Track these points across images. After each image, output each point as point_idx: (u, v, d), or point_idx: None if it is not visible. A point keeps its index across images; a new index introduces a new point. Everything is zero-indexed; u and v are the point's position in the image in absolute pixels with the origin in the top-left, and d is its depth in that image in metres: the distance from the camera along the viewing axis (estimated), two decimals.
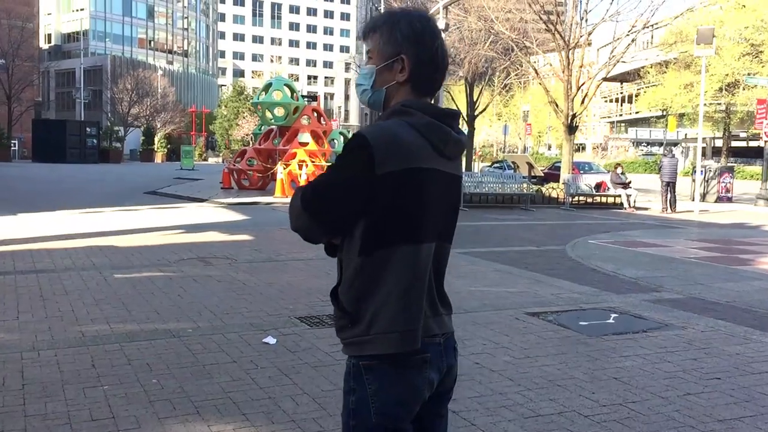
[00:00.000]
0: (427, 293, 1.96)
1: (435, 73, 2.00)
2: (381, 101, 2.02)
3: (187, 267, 9.03)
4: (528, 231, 15.01)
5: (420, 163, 1.86)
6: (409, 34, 1.95)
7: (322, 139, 23.13)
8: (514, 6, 23.51)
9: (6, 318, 6.20)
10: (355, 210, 1.88)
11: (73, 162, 46.89)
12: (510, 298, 7.75)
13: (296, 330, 6.08)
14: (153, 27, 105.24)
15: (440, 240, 2.00)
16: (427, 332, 1.95)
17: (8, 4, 58.91)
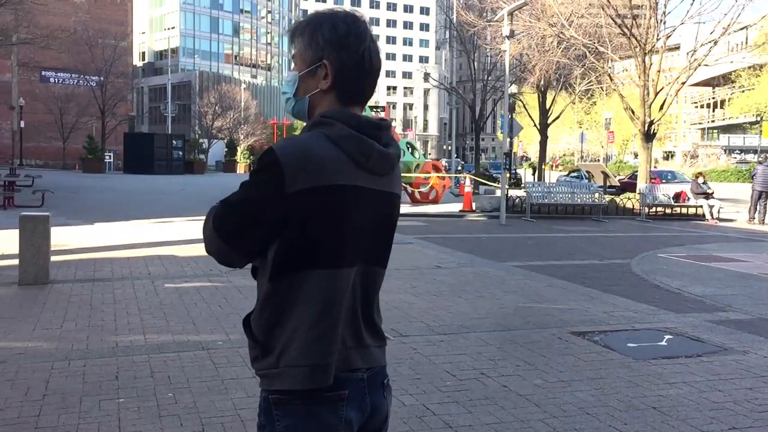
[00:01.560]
0: (349, 323, 1.78)
1: (362, 79, 1.82)
2: (305, 111, 1.86)
3: (236, 277, 9.06)
4: (594, 244, 14.48)
5: (337, 179, 1.69)
6: (332, 38, 1.79)
7: None
8: (587, 11, 22.84)
9: (50, 327, 6.33)
10: (266, 232, 1.72)
11: (160, 173, 48.45)
12: (557, 315, 7.42)
13: None
14: (238, 43, 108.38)
15: (368, 264, 1.82)
16: (347, 366, 1.77)
17: (104, 25, 61.66)
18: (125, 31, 67.09)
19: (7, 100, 57.26)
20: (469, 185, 21.93)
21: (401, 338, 6.29)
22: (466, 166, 53.40)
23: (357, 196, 1.74)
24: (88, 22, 60.48)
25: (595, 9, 22.61)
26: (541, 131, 30.35)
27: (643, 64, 21.49)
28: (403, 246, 12.93)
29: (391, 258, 7.83)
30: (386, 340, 1.94)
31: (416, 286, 8.89)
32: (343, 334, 1.77)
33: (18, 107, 53.73)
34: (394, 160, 1.86)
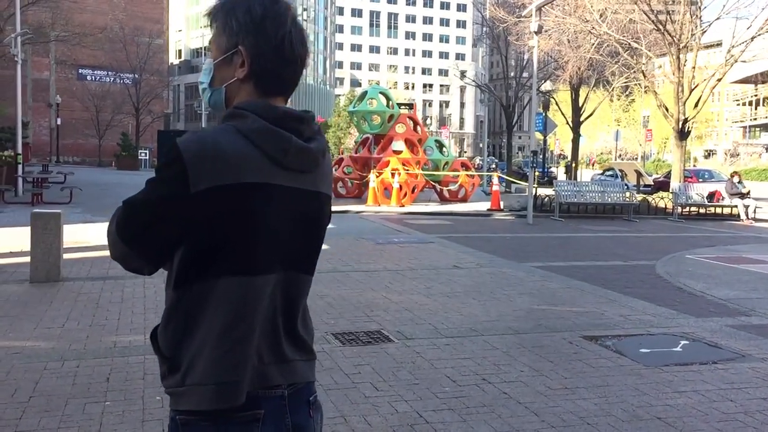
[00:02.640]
0: (267, 336, 1.62)
1: (283, 67, 1.65)
2: (222, 102, 1.69)
3: None
4: (621, 244, 14.13)
5: (246, 177, 1.53)
6: (247, 21, 1.62)
7: (417, 147, 22.87)
8: (620, 6, 22.34)
9: (52, 325, 6.31)
10: (170, 235, 1.57)
11: None
12: (571, 318, 7.19)
13: (326, 347, 5.83)
14: None
15: (289, 270, 1.65)
16: (264, 383, 1.61)
17: (140, 23, 62.47)
18: (161, 28, 67.91)
19: (45, 97, 58.34)
20: (497, 184, 21.65)
21: (405, 341, 6.14)
22: (500, 164, 52.96)
23: (271, 195, 1.57)
24: (124, 20, 61.25)
25: (629, 5, 22.11)
26: (573, 129, 29.84)
27: (678, 61, 20.96)
28: (423, 245, 12.78)
29: (406, 258, 7.69)
30: (314, 352, 1.77)
31: (430, 286, 8.72)
32: (260, 347, 1.61)
33: (55, 105, 54.72)
34: (317, 155, 1.68)
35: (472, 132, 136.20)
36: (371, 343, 6.05)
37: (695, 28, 21.44)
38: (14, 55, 20.51)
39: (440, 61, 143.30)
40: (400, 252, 11.81)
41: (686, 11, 21.26)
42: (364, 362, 5.48)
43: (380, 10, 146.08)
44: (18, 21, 21.21)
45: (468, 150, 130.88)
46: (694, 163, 69.13)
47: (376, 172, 21.14)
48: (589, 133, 74.61)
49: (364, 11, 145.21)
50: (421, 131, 24.38)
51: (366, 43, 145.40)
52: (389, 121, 22.84)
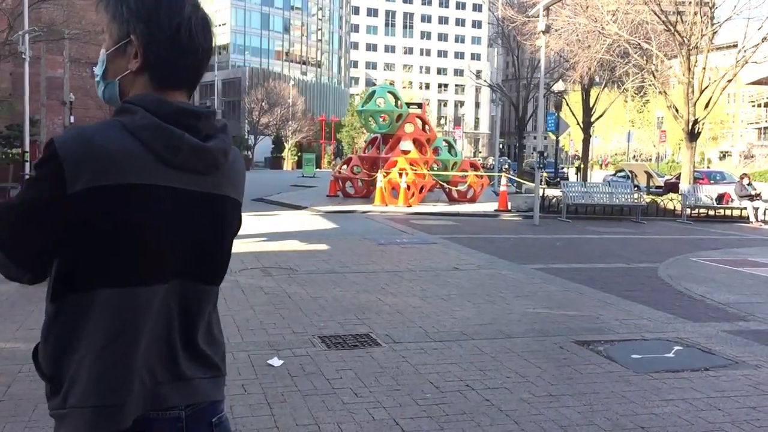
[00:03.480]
0: (160, 352, 1.50)
1: (181, 58, 1.52)
2: (116, 96, 1.56)
3: (244, 277, 8.95)
4: (627, 246, 13.95)
5: (130, 178, 1.40)
6: (138, 8, 1.50)
7: (426, 147, 22.75)
8: (631, 6, 22.09)
9: (36, 327, 6.22)
10: (46, 240, 1.44)
11: None
12: (565, 322, 7.07)
13: (311, 351, 5.76)
14: (289, 39, 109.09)
15: (187, 280, 1.52)
16: (157, 404, 1.49)
17: None
18: None
19: (60, 95, 58.62)
20: (504, 184, 21.49)
21: (392, 345, 6.04)
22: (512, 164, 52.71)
23: (159, 198, 1.44)
24: None
25: (639, 5, 21.87)
26: (584, 129, 29.59)
27: (688, 62, 20.71)
28: (425, 246, 12.68)
29: (406, 259, 7.56)
30: (221, 368, 1.64)
31: (426, 289, 8.62)
32: (152, 365, 1.49)
33: (68, 103, 55.00)
34: (215, 155, 1.53)
35: (487, 132, 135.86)
36: (357, 347, 5.96)
37: (705, 28, 21.15)
38: (22, 53, 20.60)
39: (455, 61, 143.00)
40: (400, 253, 11.72)
41: (696, 12, 21.00)
42: (347, 367, 5.39)
43: (396, 9, 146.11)
44: (26, 19, 21.31)
45: (483, 150, 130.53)
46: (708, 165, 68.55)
47: (383, 172, 21.04)
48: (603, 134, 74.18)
49: (379, 11, 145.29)
50: (429, 131, 24.25)
51: (381, 42, 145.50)
52: (398, 120, 22.74)
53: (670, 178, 31.17)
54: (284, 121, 69.36)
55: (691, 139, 21.43)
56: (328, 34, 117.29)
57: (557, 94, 34.27)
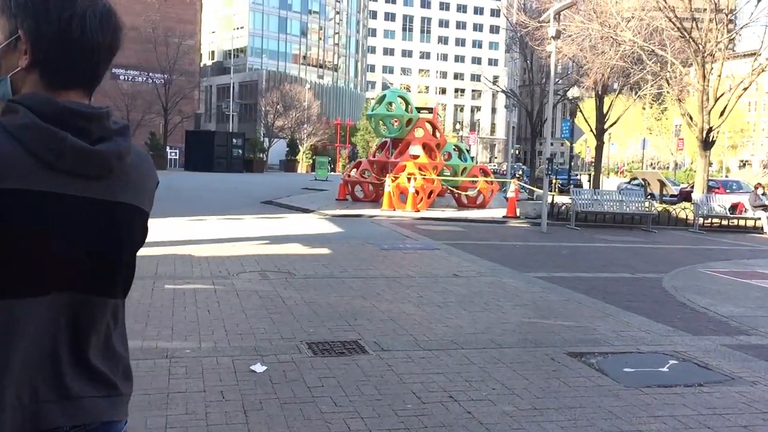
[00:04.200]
0: (43, 368, 1.39)
1: (73, 55, 1.42)
2: (9, 94, 1.45)
3: (240, 281, 8.88)
4: (634, 255, 13.77)
5: (6, 182, 1.30)
6: (26, 1, 1.40)
7: (435, 152, 22.64)
8: (645, 12, 21.86)
9: None
10: None
11: (220, 171, 49.07)
12: (560, 333, 6.93)
13: (296, 357, 5.67)
14: (306, 43, 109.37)
15: (78, 293, 1.42)
16: (38, 424, 1.37)
17: (173, 23, 63.23)
18: (194, 30, 68.62)
19: None
20: (513, 190, 21.33)
21: (380, 353, 5.95)
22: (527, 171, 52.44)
23: (39, 204, 1.34)
24: (157, 21, 62.01)
25: (654, 11, 21.65)
26: (597, 136, 29.32)
27: (703, 69, 20.47)
28: (428, 252, 12.57)
29: (407, 265, 7.44)
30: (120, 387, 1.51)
31: (422, 295, 8.51)
32: (35, 382, 1.38)
33: None
34: (107, 159, 1.42)
35: (503, 138, 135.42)
36: (344, 354, 5.87)
37: (721, 35, 20.89)
38: None
39: (473, 66, 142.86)
40: (402, 258, 11.62)
41: (712, 18, 20.74)
42: (330, 375, 5.30)
43: (413, 14, 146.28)
44: None
45: (499, 156, 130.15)
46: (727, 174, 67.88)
47: (391, 176, 20.95)
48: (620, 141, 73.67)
49: (397, 15, 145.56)
50: (440, 136, 24.13)
51: (398, 47, 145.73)
52: (408, 125, 22.65)
53: (685, 187, 30.84)
54: (299, 124, 69.49)
55: (705, 147, 21.17)
56: (345, 38, 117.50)
57: (571, 100, 34.00)
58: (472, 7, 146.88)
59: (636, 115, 69.06)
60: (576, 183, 37.82)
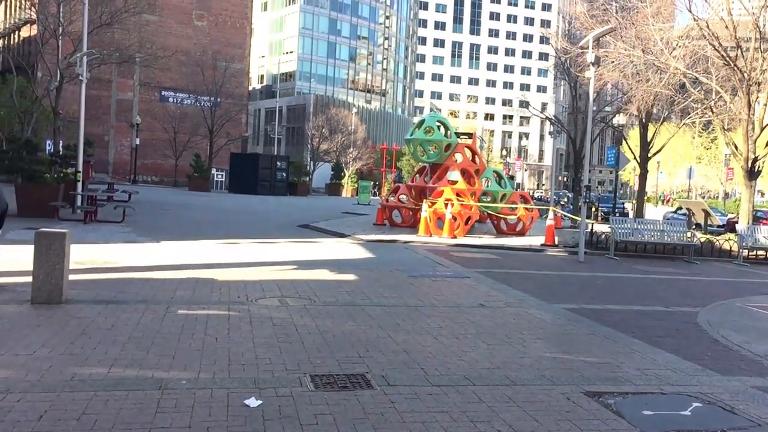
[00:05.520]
0: None
1: None
2: None
3: (257, 307, 8.72)
4: (671, 287, 13.23)
5: None
6: None
7: (474, 178, 22.33)
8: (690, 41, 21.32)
9: (22, 352, 6.12)
10: None
11: (263, 194, 49.36)
12: (580, 370, 6.58)
13: (296, 391, 5.45)
14: (354, 68, 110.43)
15: None
16: None
17: (222, 47, 64.31)
18: (243, 54, 69.57)
19: (129, 117, 60.53)
20: (551, 218, 20.86)
21: (385, 388, 5.69)
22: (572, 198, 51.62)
23: None
24: (207, 45, 63.20)
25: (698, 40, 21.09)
26: (641, 165, 28.61)
27: (747, 97, 19.82)
28: (457, 280, 12.27)
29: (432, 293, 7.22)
30: None
31: (442, 326, 8.23)
32: None
33: (135, 125, 56.65)
34: None
35: (548, 164, 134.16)
36: (347, 388, 5.63)
37: (766, 64, 20.18)
38: (79, 74, 21.17)
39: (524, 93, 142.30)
40: (429, 287, 11.34)
41: (757, 47, 20.10)
42: (328, 411, 5.07)
43: (462, 41, 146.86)
44: (85, 42, 21.91)
45: (546, 183, 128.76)
46: None
47: (428, 201, 20.71)
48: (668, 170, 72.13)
49: (446, 42, 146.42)
50: (479, 161, 23.84)
51: (447, 73, 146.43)
52: (446, 150, 22.43)
53: (732, 217, 29.87)
54: (344, 148, 69.78)
55: (750, 177, 20.43)
56: (393, 63, 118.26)
57: (617, 127, 33.35)
58: (521, 34, 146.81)
59: (685, 143, 67.61)
60: (621, 211, 37.01)
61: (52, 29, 27.55)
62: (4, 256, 11.20)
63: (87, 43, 22.42)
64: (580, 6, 30.33)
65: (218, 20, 66.26)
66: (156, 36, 58.70)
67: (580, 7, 29.65)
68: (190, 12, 64.80)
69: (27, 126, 29.34)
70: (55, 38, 27.47)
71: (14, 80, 33.03)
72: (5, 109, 43.45)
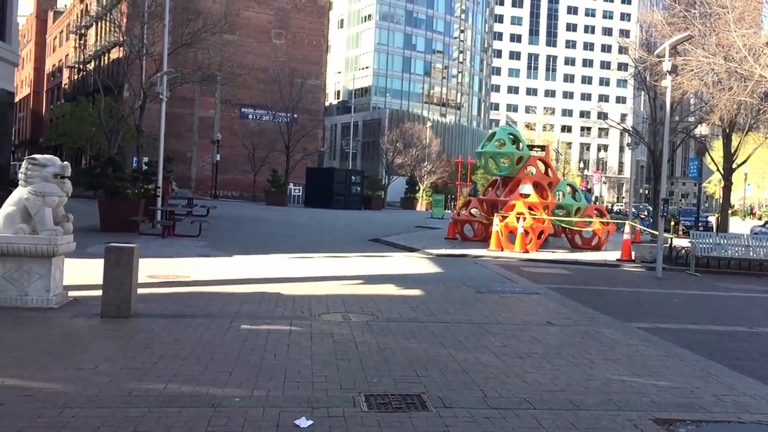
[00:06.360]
0: None
1: None
2: None
3: (319, 322, 8.69)
4: (756, 307, 12.54)
5: None
6: None
7: (547, 191, 21.87)
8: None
9: (84, 366, 6.22)
10: None
11: (338, 208, 49.80)
12: (651, 394, 6.24)
13: (348, 411, 5.34)
14: (429, 82, 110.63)
15: None
16: None
17: (300, 65, 65.51)
18: (319, 70, 70.70)
19: (210, 134, 62.28)
20: (627, 232, 20.17)
21: (441, 410, 5.51)
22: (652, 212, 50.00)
23: None
24: (285, 62, 64.51)
25: None
26: (724, 176, 27.40)
27: None
28: (526, 296, 11.95)
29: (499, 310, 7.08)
30: None
31: (507, 345, 7.98)
32: None
33: (216, 141, 58.23)
34: None
35: (626, 177, 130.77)
36: (401, 409, 5.48)
37: None
38: (159, 93, 21.85)
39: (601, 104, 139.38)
40: (496, 303, 11.08)
41: None
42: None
43: (538, 52, 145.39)
44: (165, 62, 22.62)
45: (626, 196, 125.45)
46: None
47: (500, 215, 20.38)
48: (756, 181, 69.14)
49: (522, 54, 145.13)
50: (552, 174, 23.35)
51: (523, 85, 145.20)
52: (518, 163, 22.07)
53: None
54: (419, 162, 69.79)
55: None
56: (468, 76, 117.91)
57: (698, 138, 32.13)
58: (599, 44, 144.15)
59: None
60: (705, 225, 35.57)
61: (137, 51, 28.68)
62: (82, 269, 11.54)
63: (169, 63, 23.18)
64: (658, 14, 29.42)
65: (296, 38, 67.56)
66: (236, 55, 60.38)
67: (659, 15, 28.75)
68: (268, 31, 66.32)
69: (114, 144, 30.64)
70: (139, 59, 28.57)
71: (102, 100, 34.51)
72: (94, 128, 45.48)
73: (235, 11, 61.81)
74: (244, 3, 64.49)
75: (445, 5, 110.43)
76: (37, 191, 8.71)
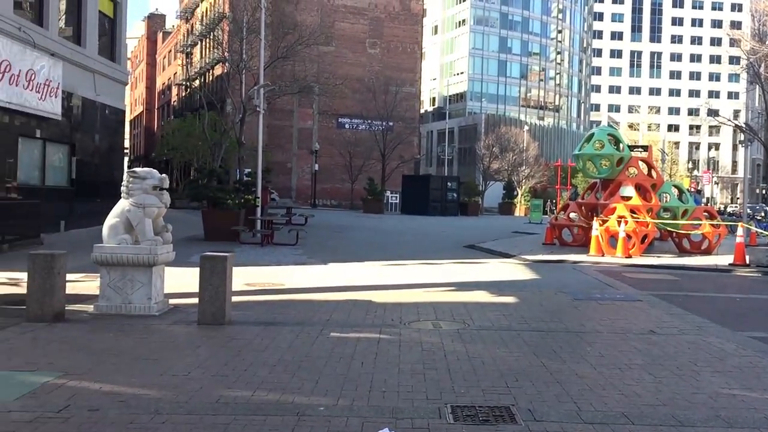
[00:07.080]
0: None
1: None
2: None
3: (409, 330, 8.58)
4: None
5: None
6: None
7: (650, 193, 20.96)
8: None
9: (178, 373, 6.35)
10: None
11: (434, 214, 49.63)
12: (765, 410, 5.77)
13: (433, 423, 5.19)
14: (525, 85, 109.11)
15: None
16: None
17: (394, 73, 65.98)
18: (414, 78, 70.92)
19: (309, 144, 63.60)
20: (740, 234, 19.04)
21: (530, 423, 5.28)
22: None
23: None
24: (380, 71, 65.14)
25: None
26: None
27: None
28: (627, 303, 11.44)
29: (597, 318, 6.86)
30: None
31: (604, 355, 7.62)
32: None
33: (314, 151, 59.39)
34: None
35: (740, 176, 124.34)
36: (488, 422, 5.28)
37: None
38: (257, 106, 22.42)
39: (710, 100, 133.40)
40: (594, 311, 10.65)
41: None
42: None
43: (642, 49, 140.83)
44: (261, 75, 23.19)
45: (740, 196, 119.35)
46: None
47: (599, 219, 19.69)
48: None
49: (624, 52, 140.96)
50: (656, 176, 22.39)
51: (625, 84, 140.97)
52: (618, 164, 21.28)
53: None
54: (516, 167, 68.75)
55: None
56: (567, 78, 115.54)
57: None
58: (707, 38, 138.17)
59: None
60: None
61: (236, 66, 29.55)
62: (184, 278, 11.89)
63: (268, 76, 23.77)
64: None
65: (390, 46, 68.07)
66: (332, 66, 61.54)
67: None
68: (363, 41, 67.15)
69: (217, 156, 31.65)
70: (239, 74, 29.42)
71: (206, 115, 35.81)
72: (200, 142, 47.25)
73: (330, 23, 62.96)
74: (340, 14, 65.56)
75: (541, 6, 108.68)
76: (138, 203, 9.03)
